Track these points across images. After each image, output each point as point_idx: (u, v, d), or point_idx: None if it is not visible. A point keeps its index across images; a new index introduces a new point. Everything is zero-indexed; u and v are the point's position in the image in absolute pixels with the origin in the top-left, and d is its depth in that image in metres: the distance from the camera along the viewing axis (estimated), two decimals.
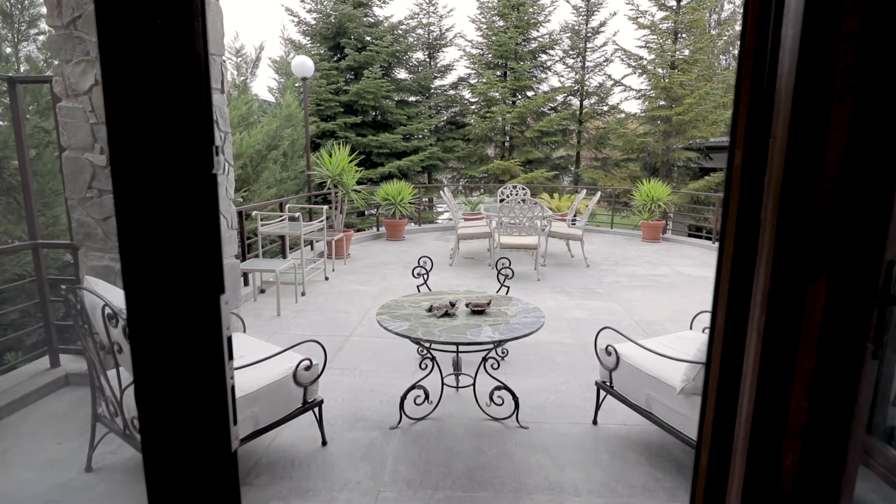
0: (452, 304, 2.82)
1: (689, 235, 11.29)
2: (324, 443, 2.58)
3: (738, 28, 14.80)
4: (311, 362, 2.42)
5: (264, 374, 2.29)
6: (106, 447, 2.47)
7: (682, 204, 11.06)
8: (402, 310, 2.86)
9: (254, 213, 5.39)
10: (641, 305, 5.18)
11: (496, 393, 2.83)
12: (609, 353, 2.64)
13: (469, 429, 2.76)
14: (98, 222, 2.79)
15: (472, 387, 2.90)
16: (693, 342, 2.73)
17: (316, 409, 2.52)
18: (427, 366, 2.82)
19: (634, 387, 2.51)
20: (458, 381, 3.10)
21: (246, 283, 5.42)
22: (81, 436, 2.55)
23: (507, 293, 3.51)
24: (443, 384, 2.86)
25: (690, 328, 3.07)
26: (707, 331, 2.99)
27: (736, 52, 15.72)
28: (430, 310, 2.80)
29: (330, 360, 3.66)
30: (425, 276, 3.54)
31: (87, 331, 2.12)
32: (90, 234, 2.81)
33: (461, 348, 2.82)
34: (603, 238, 9.27)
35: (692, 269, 6.86)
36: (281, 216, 5.74)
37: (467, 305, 2.86)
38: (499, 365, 2.90)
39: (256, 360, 2.19)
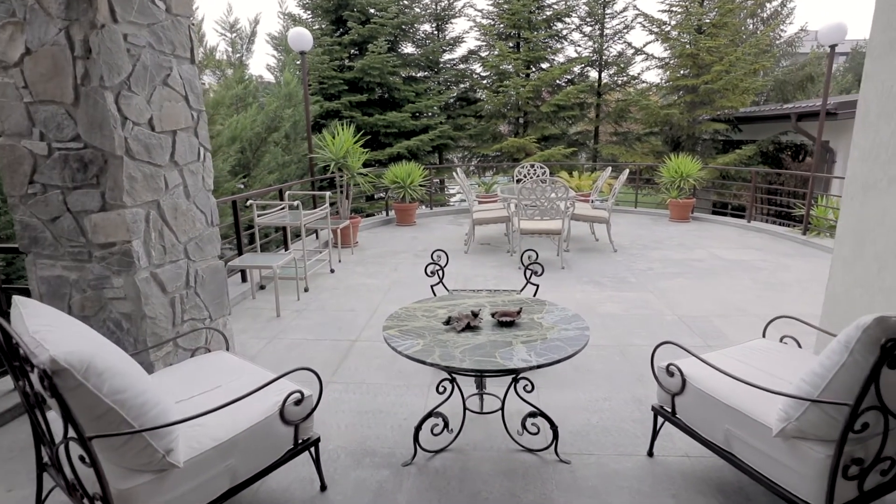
0: (475, 315, 2.32)
1: (713, 213, 10.59)
2: (323, 487, 2.12)
3: None
4: (302, 395, 1.95)
5: (243, 414, 1.82)
6: (61, 496, 2.04)
7: (709, 179, 10.31)
8: (413, 321, 2.37)
9: (249, 202, 4.91)
10: (681, 296, 4.64)
11: (530, 420, 2.34)
12: (671, 374, 2.12)
13: (498, 464, 2.28)
14: (45, 223, 2.32)
15: (500, 411, 2.42)
16: (775, 357, 2.20)
17: (312, 449, 2.06)
18: (445, 388, 2.33)
19: (707, 418, 1.99)
20: (482, 402, 2.62)
21: (244, 280, 4.98)
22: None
23: (535, 293, 2.99)
24: (465, 408, 2.38)
25: (763, 335, 2.53)
26: (788, 340, 2.46)
27: (765, 15, 14.72)
28: (448, 322, 2.30)
29: (333, 372, 3.21)
30: (440, 274, 3.03)
31: (15, 365, 1.66)
32: (37, 239, 2.35)
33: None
34: (627, 219, 8.66)
35: (729, 253, 6.27)
36: (280, 205, 5.25)
37: (493, 315, 2.36)
38: (532, 387, 2.40)
39: (227, 402, 1.72)
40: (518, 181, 8.04)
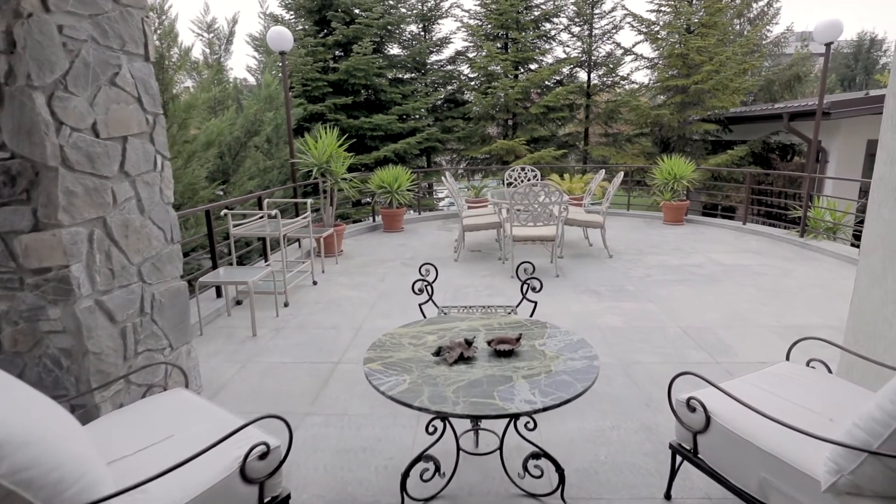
0: (469, 343, 2.04)
1: (703, 214, 10.44)
2: None
3: None
4: (268, 447, 1.65)
5: (196, 475, 1.53)
6: None
7: (700, 180, 10.15)
8: (399, 351, 2.08)
9: (223, 212, 4.59)
10: (683, 306, 4.41)
11: (532, 461, 2.07)
12: (693, 410, 1.87)
13: None
14: None
15: (498, 451, 2.14)
16: (806, 387, 1.95)
17: None
18: (436, 427, 2.06)
19: (738, 463, 1.74)
20: (477, 439, 2.34)
21: (219, 295, 4.65)
22: None
23: (532, 312, 2.72)
24: (458, 448, 2.10)
25: (787, 358, 2.29)
26: (815, 364, 2.22)
27: (751, 15, 14.68)
28: (438, 353, 2.02)
29: (312, 401, 2.91)
30: (429, 291, 2.76)
31: None
32: None
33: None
34: (620, 222, 8.45)
35: (728, 257, 6.07)
36: (258, 214, 4.93)
37: (489, 343, 2.09)
38: (535, 425, 2.13)
39: (175, 465, 1.41)
40: (509, 184, 7.80)
